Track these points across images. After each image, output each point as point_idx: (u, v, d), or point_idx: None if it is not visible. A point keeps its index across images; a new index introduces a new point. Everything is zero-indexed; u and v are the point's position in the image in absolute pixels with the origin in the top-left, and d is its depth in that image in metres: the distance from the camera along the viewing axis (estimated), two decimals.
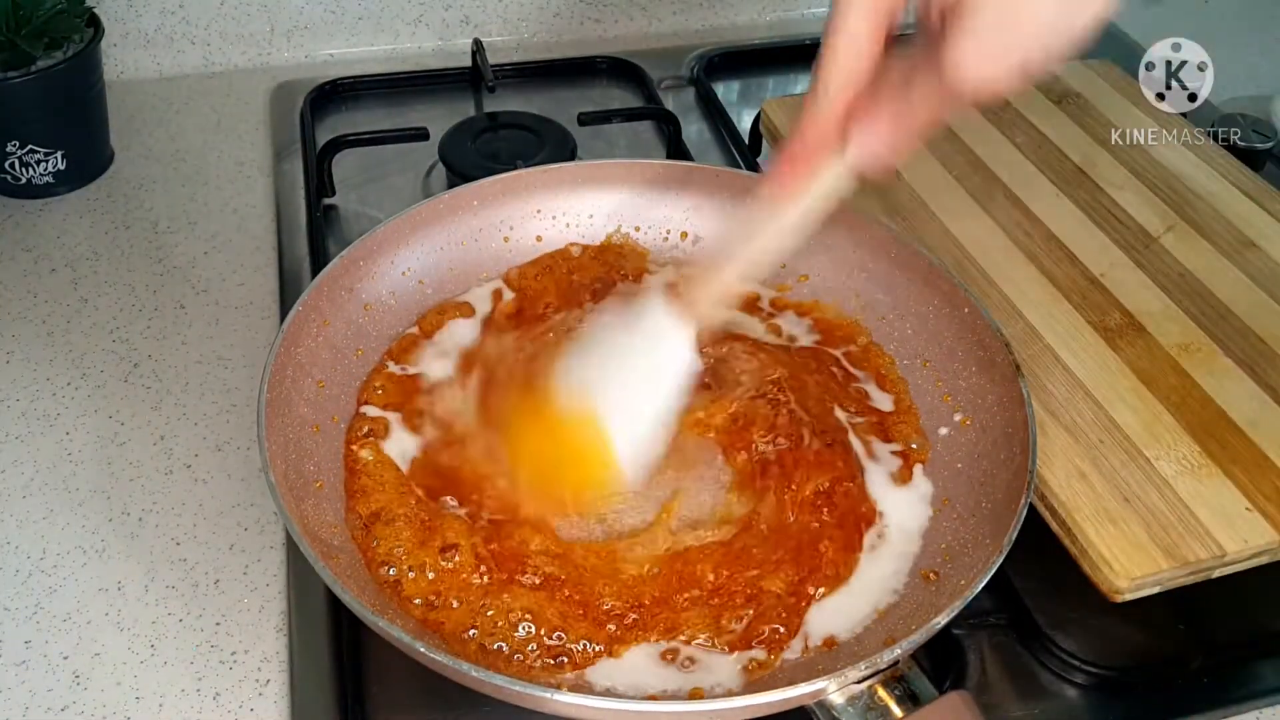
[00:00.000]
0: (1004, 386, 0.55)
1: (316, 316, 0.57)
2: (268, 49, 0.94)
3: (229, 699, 0.51)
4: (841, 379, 0.60)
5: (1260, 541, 0.52)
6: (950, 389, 0.58)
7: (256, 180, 0.82)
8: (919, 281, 0.62)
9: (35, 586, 0.55)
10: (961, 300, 0.59)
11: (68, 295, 0.71)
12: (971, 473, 0.54)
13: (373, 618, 0.43)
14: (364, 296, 0.61)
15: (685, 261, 0.67)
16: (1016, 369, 0.54)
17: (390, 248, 0.62)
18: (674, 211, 0.68)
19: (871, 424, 0.58)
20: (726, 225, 0.67)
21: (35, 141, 0.76)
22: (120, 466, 0.61)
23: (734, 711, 0.42)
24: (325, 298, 0.58)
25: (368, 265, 0.61)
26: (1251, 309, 0.65)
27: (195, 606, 0.54)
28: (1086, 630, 0.54)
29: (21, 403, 0.64)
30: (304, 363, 0.56)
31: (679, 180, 0.67)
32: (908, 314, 0.62)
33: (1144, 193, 0.74)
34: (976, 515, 0.52)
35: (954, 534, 0.52)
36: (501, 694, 0.42)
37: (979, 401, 0.57)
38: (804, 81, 0.98)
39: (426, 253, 0.63)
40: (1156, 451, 0.56)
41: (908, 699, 0.42)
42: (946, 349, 0.60)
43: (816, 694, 0.42)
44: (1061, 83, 0.85)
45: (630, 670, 0.47)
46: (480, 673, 0.41)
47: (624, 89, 0.94)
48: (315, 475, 0.53)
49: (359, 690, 0.50)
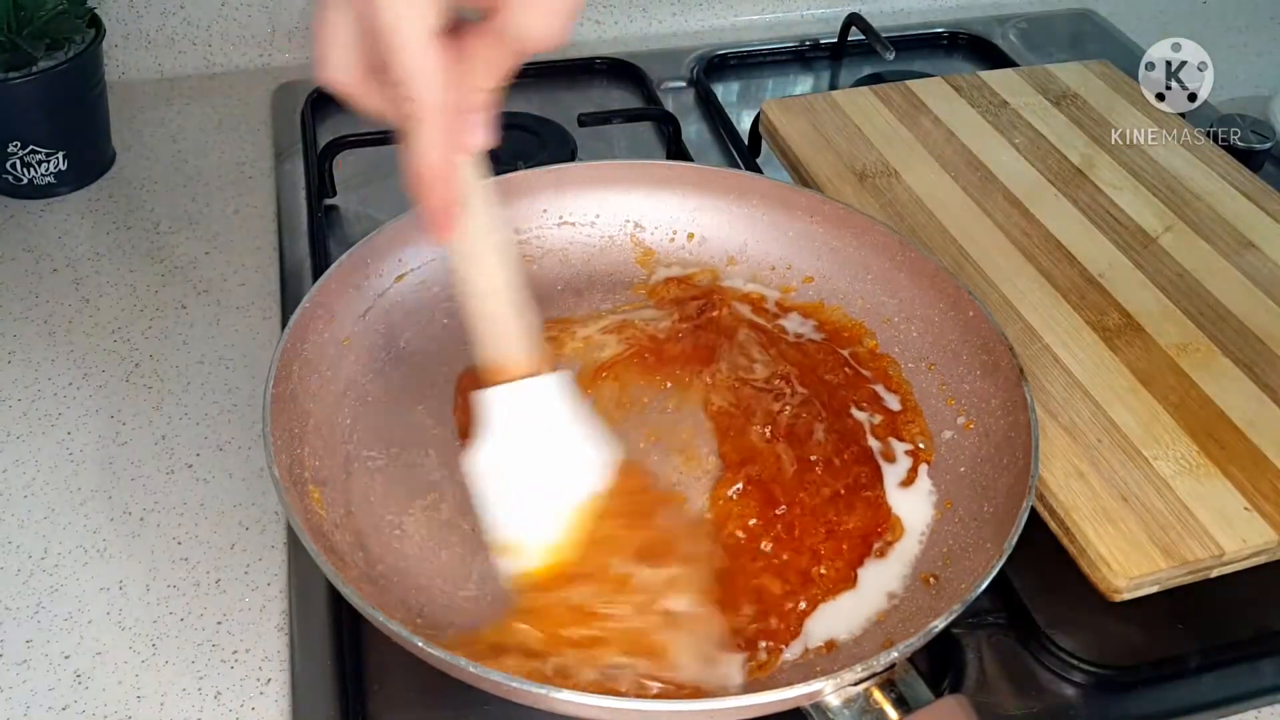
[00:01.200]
0: (1008, 390, 0.55)
1: (324, 313, 0.58)
2: (269, 50, 0.94)
3: (230, 698, 0.51)
4: (854, 378, 0.60)
5: (1258, 541, 0.53)
6: (954, 392, 0.59)
7: (258, 181, 0.82)
8: (925, 285, 0.62)
9: (36, 586, 0.55)
10: (966, 303, 0.59)
11: (69, 295, 0.72)
12: (974, 476, 0.54)
13: (372, 611, 0.43)
14: (371, 294, 0.61)
15: (693, 262, 0.67)
16: (1020, 373, 0.54)
17: (399, 246, 0.62)
18: (680, 212, 0.68)
19: (886, 423, 0.58)
20: (729, 224, 0.67)
21: (36, 142, 0.77)
22: (122, 466, 0.61)
23: (729, 711, 0.42)
24: (333, 294, 0.58)
25: (375, 264, 0.61)
26: (1250, 309, 0.65)
27: (197, 606, 0.54)
28: (1085, 629, 0.54)
29: (23, 403, 0.64)
30: (310, 359, 0.56)
31: (685, 181, 0.67)
32: (913, 317, 0.62)
33: (1143, 193, 0.74)
34: (978, 519, 0.52)
35: (955, 537, 0.52)
36: (500, 691, 0.42)
37: (983, 405, 0.57)
38: (804, 82, 0.98)
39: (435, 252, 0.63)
40: (1155, 451, 0.56)
41: (903, 702, 0.42)
42: (951, 352, 0.60)
43: (812, 696, 0.42)
44: (1061, 83, 0.85)
45: None
46: (477, 669, 0.41)
47: (624, 89, 0.94)
48: (318, 471, 0.53)
49: (360, 690, 0.51)
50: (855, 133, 0.78)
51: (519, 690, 0.41)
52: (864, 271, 0.64)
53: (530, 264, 0.66)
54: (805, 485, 0.54)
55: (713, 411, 0.58)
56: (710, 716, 0.43)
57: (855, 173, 0.74)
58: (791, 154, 0.77)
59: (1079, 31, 1.08)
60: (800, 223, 0.66)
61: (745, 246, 0.67)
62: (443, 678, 0.43)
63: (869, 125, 0.79)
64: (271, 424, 0.50)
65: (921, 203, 0.72)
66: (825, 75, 0.99)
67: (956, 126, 0.79)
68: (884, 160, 0.76)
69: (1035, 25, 1.07)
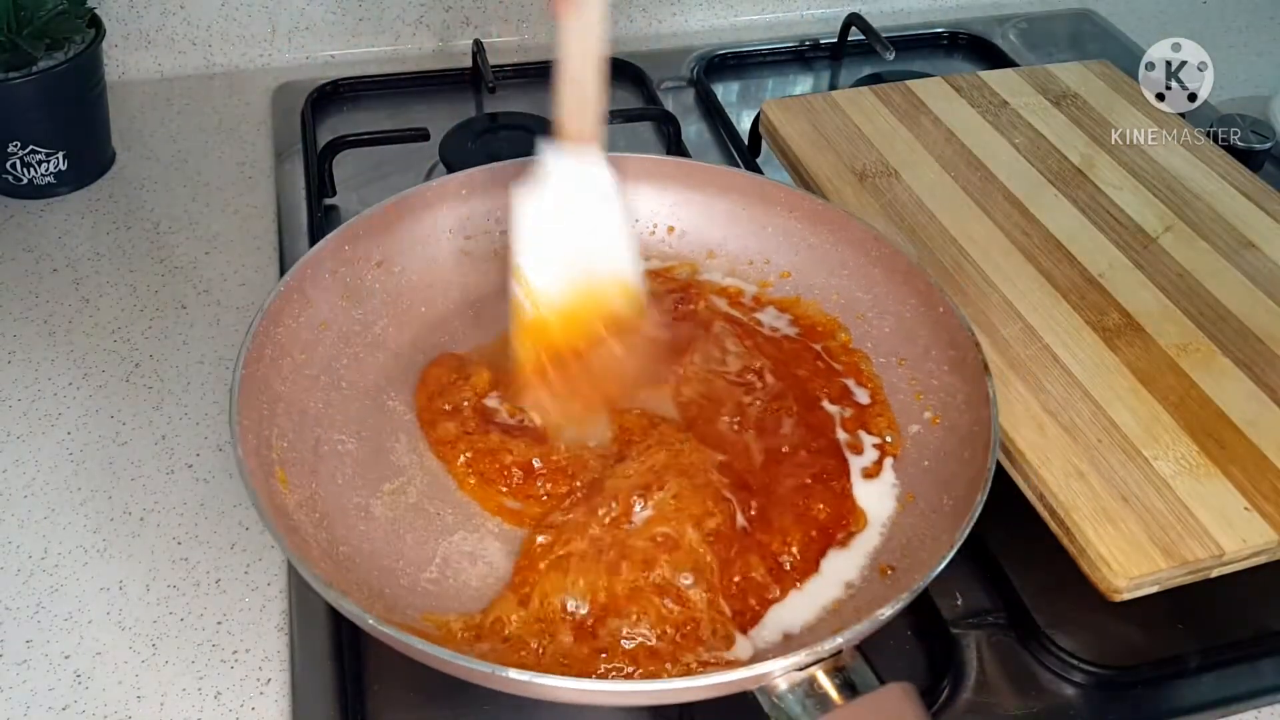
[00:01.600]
0: (972, 385, 0.55)
1: (299, 297, 0.58)
2: (269, 50, 0.94)
3: (230, 698, 0.51)
4: (826, 371, 0.61)
5: (1258, 541, 0.53)
6: (923, 387, 0.59)
7: (258, 181, 0.82)
8: (898, 280, 0.62)
9: (37, 586, 0.55)
10: (937, 299, 0.59)
11: (69, 295, 0.72)
12: (938, 470, 0.55)
13: (324, 587, 0.43)
14: (348, 280, 0.61)
15: (672, 255, 0.68)
16: (985, 368, 0.55)
17: (378, 233, 0.62)
18: (659, 205, 0.68)
19: (855, 417, 0.59)
20: (709, 218, 0.68)
21: (37, 142, 0.77)
22: (122, 466, 0.61)
23: (675, 693, 0.43)
24: (309, 280, 0.59)
25: (352, 249, 0.61)
26: (1250, 309, 0.65)
27: (196, 606, 0.54)
28: (1085, 629, 0.54)
29: (23, 403, 0.64)
30: (283, 342, 0.56)
31: (666, 175, 0.68)
32: (886, 313, 0.63)
33: (1143, 193, 0.74)
34: (938, 512, 0.52)
35: (914, 530, 0.53)
36: (450, 669, 0.43)
37: (949, 400, 0.57)
38: (804, 82, 0.98)
39: (409, 240, 0.64)
40: (1155, 451, 0.56)
41: (849, 687, 0.43)
42: (921, 347, 0.60)
43: (758, 679, 0.43)
44: (1061, 83, 0.85)
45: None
46: (425, 646, 0.42)
47: (624, 89, 0.94)
48: (285, 452, 0.53)
49: (359, 689, 0.51)
50: (855, 133, 0.78)
51: (466, 669, 0.42)
52: (840, 267, 0.65)
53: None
54: (772, 474, 0.55)
55: (681, 402, 0.59)
56: (655, 697, 0.43)
57: (855, 173, 0.74)
58: (791, 154, 0.77)
59: (1079, 31, 1.08)
60: (779, 218, 0.66)
61: (724, 241, 0.68)
62: (442, 678, 0.43)
63: (869, 125, 0.79)
64: (239, 405, 0.50)
65: (921, 203, 0.72)
66: (825, 75, 0.99)
67: (956, 126, 0.79)
68: (884, 160, 0.76)
69: (1035, 25, 1.07)
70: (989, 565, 0.56)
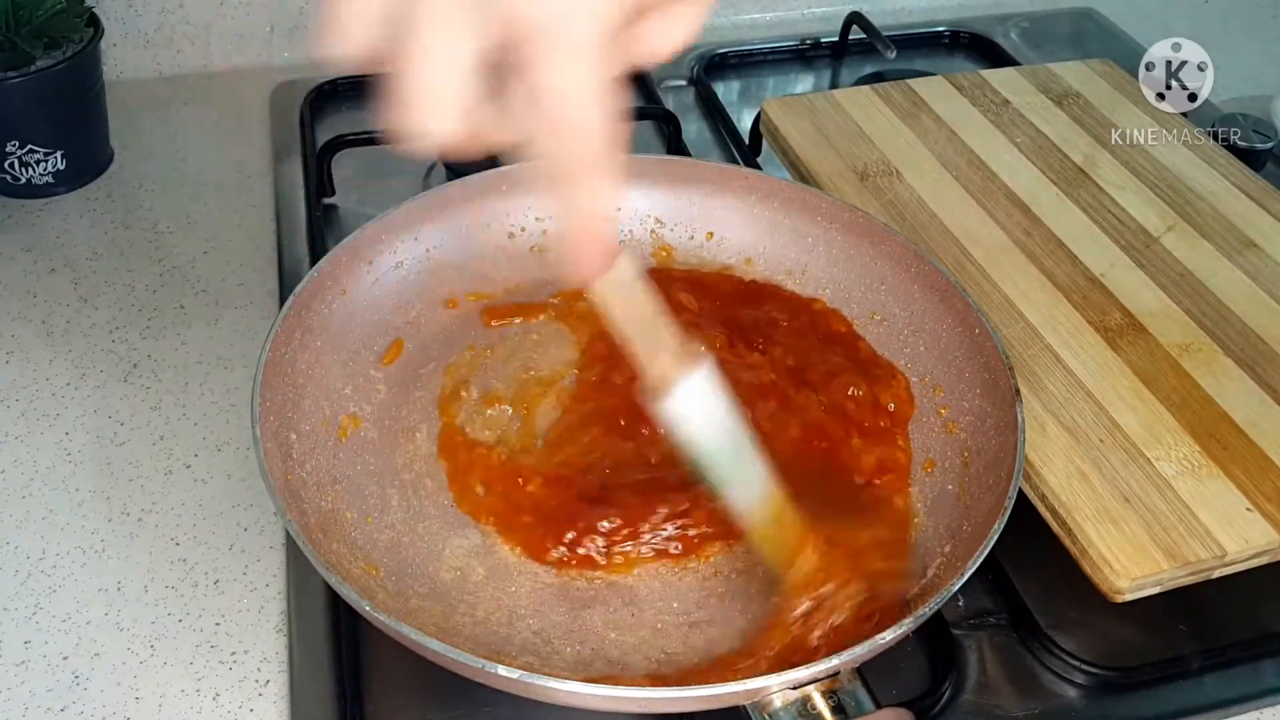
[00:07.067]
0: (1002, 410, 0.54)
1: (331, 284, 0.59)
2: (268, 49, 0.94)
3: (228, 699, 0.51)
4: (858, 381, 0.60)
5: (1261, 542, 0.52)
6: (955, 410, 0.58)
7: (256, 180, 0.82)
8: (935, 299, 0.61)
9: (35, 587, 0.55)
10: (974, 320, 0.58)
11: (67, 295, 0.71)
12: (960, 495, 0.54)
13: (326, 572, 0.43)
14: (381, 269, 0.62)
15: (709, 261, 0.67)
16: (1016, 394, 0.54)
17: (414, 225, 0.63)
18: (699, 210, 0.68)
19: (882, 430, 0.58)
20: (750, 226, 0.67)
21: (35, 141, 0.76)
22: (120, 466, 0.61)
23: (664, 702, 0.43)
24: (343, 267, 0.59)
25: (390, 240, 0.62)
26: (1252, 309, 0.65)
27: (195, 607, 0.54)
28: (1087, 630, 0.54)
29: (21, 403, 0.64)
30: (313, 326, 0.57)
31: (707, 179, 0.67)
32: (921, 330, 0.62)
33: (1144, 193, 0.74)
34: (955, 538, 0.52)
35: (929, 553, 0.52)
36: (443, 662, 0.42)
37: (979, 424, 0.56)
38: (805, 80, 0.98)
39: (447, 235, 0.64)
40: (1157, 452, 0.56)
41: (841, 710, 0.42)
42: (955, 369, 0.59)
43: (751, 694, 0.42)
44: (1063, 82, 0.85)
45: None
46: (418, 635, 0.41)
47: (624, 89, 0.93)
48: (306, 435, 0.54)
49: (359, 690, 0.50)
50: (856, 132, 0.78)
51: (458, 663, 0.42)
52: (879, 282, 0.64)
53: (548, 253, 0.67)
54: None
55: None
56: (651, 705, 0.44)
57: (856, 172, 0.74)
58: (792, 153, 0.77)
59: (1080, 30, 1.08)
60: (819, 229, 0.66)
61: (763, 248, 0.67)
62: (442, 680, 0.43)
63: (870, 124, 0.79)
64: (262, 384, 0.51)
65: (923, 202, 0.72)
66: (826, 74, 0.99)
67: (958, 125, 0.79)
68: (885, 159, 0.76)
69: (1037, 24, 1.07)
70: (991, 566, 0.56)
